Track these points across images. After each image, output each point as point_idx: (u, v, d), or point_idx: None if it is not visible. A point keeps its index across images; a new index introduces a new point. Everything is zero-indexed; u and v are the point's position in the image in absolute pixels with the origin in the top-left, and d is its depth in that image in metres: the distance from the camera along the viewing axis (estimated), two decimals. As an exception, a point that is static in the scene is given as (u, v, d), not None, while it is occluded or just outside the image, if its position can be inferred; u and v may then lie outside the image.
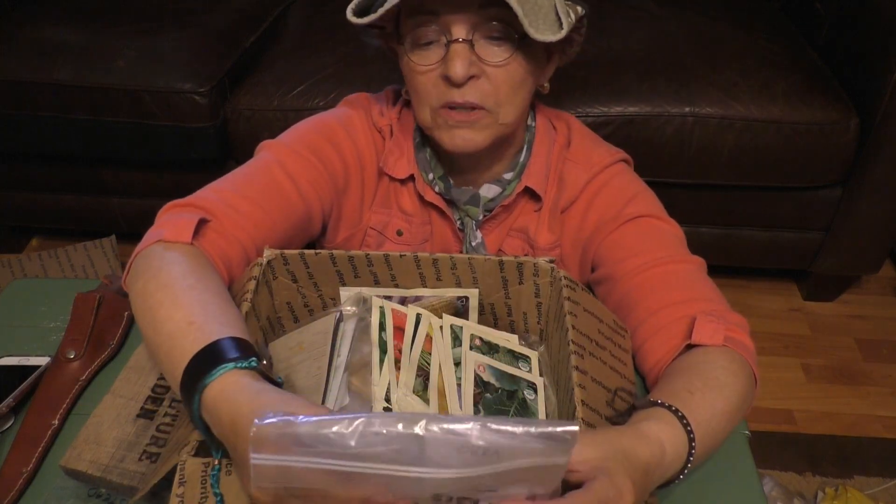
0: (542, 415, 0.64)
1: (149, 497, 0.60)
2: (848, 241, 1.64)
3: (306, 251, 0.70)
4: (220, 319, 0.58)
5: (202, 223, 0.69)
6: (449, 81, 0.72)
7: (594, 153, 0.84)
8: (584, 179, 0.82)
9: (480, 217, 0.84)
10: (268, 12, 1.85)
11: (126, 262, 0.68)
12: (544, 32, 0.69)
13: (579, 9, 0.73)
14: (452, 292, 0.72)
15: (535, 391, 0.66)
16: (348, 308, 0.71)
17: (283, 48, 1.70)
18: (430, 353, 0.66)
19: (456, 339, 0.68)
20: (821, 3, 1.70)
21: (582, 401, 0.57)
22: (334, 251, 0.70)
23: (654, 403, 0.59)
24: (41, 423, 0.68)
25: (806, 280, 1.84)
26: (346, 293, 0.72)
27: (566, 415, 0.61)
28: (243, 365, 0.52)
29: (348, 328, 0.69)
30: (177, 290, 0.61)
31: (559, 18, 0.71)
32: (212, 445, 0.53)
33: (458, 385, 0.64)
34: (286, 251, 0.70)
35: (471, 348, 0.67)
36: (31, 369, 0.73)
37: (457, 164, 0.84)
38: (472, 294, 0.72)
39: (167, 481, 0.54)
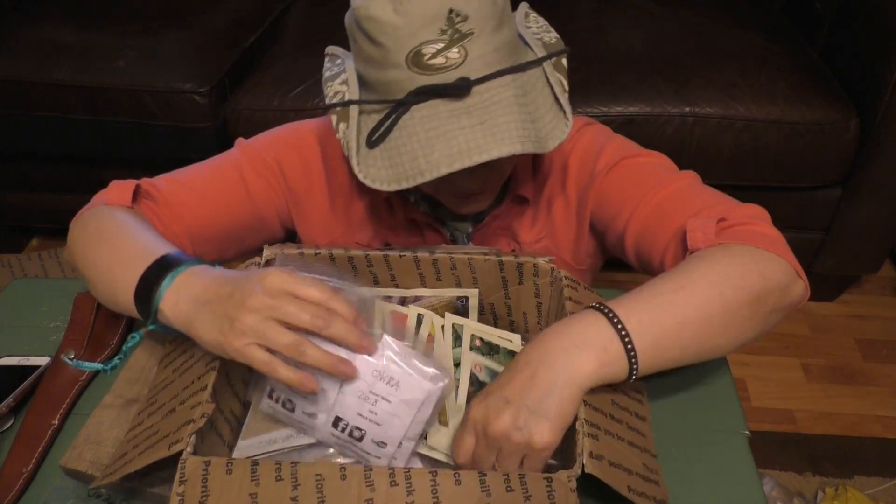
0: None
1: (145, 496, 0.60)
2: (848, 241, 1.64)
3: (305, 250, 0.70)
4: (169, 246, 0.65)
5: (142, 200, 0.76)
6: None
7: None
8: (559, 162, 0.82)
9: (470, 230, 0.84)
10: (268, 12, 1.85)
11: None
12: (555, 135, 0.66)
13: (563, 61, 0.70)
14: (452, 292, 0.72)
15: None
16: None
17: (283, 48, 1.70)
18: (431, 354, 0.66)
19: (457, 340, 0.67)
20: (821, 3, 1.70)
21: (584, 401, 0.57)
22: (333, 250, 0.70)
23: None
24: (41, 423, 0.68)
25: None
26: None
27: None
28: (202, 262, 0.62)
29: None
30: (131, 226, 0.69)
31: (557, 100, 0.68)
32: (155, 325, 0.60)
33: (457, 386, 0.64)
34: (286, 251, 0.70)
35: (471, 349, 0.67)
36: (31, 369, 0.73)
37: None
38: (472, 294, 0.72)
39: (142, 475, 0.56)
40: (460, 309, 0.73)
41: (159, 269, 0.60)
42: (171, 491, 0.59)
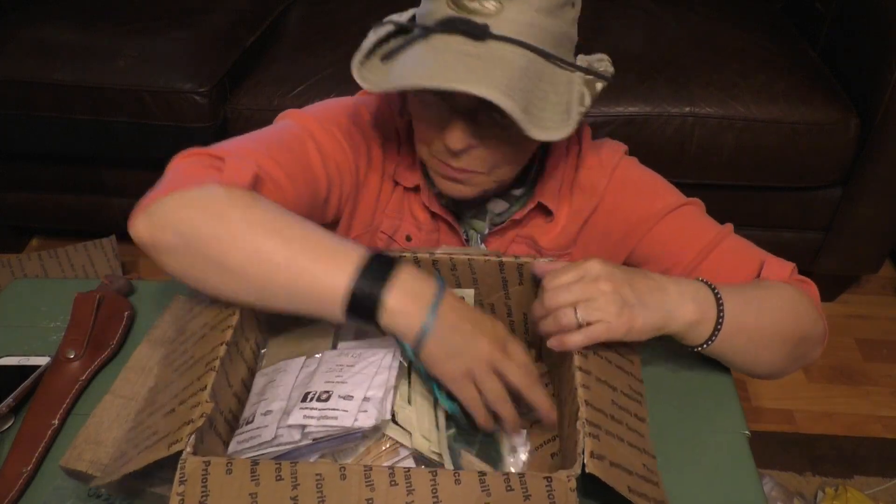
0: (504, 444, 0.64)
1: (146, 496, 0.60)
2: (848, 241, 1.64)
3: None
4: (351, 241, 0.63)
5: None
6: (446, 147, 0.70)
7: (601, 153, 0.83)
8: (602, 184, 0.82)
9: (486, 231, 0.83)
10: (268, 12, 1.85)
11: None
12: (547, 132, 0.65)
13: (598, 85, 0.71)
14: None
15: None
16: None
17: (283, 48, 1.70)
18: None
19: None
20: (821, 3, 1.70)
21: (585, 401, 0.57)
22: None
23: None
24: (41, 423, 0.68)
25: (806, 280, 1.84)
26: None
27: (569, 416, 0.61)
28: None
29: (348, 332, 0.69)
30: (296, 218, 0.62)
31: (570, 110, 0.68)
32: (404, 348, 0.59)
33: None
34: None
35: None
36: (31, 369, 0.73)
37: None
38: (468, 294, 0.72)
39: (143, 475, 0.55)
40: None
41: (377, 266, 0.58)
42: (171, 491, 0.59)
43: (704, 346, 0.66)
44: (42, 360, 0.75)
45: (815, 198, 1.59)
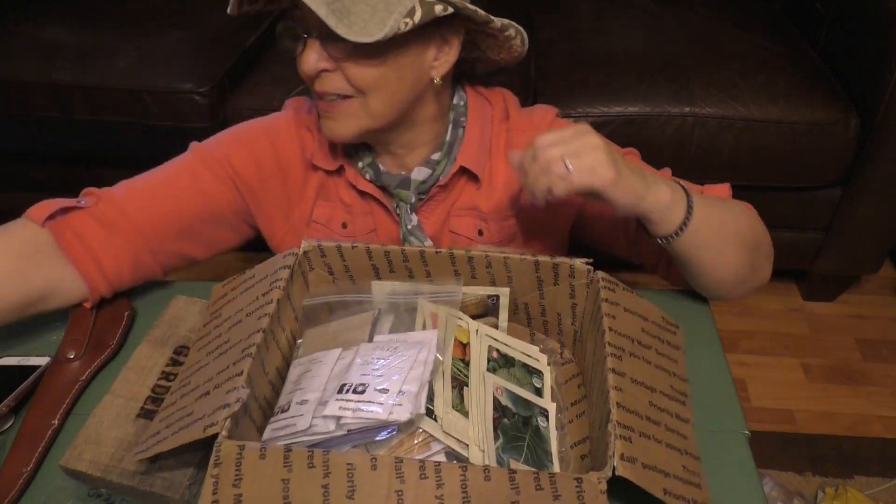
0: (553, 443, 0.64)
1: (145, 496, 0.60)
2: (848, 241, 1.64)
3: (343, 244, 0.71)
4: None
5: (77, 211, 0.80)
6: None
7: (533, 116, 0.86)
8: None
9: (413, 199, 0.84)
10: (268, 12, 1.85)
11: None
12: (355, 29, 0.66)
13: (438, 8, 0.68)
14: (484, 290, 0.72)
15: (547, 418, 0.65)
16: (383, 304, 0.71)
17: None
18: (463, 363, 0.65)
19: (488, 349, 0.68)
20: (821, 3, 1.70)
21: (617, 403, 0.56)
22: (370, 245, 0.71)
23: None
24: (41, 423, 0.68)
25: (806, 280, 1.84)
26: (378, 287, 0.72)
27: (600, 419, 0.60)
28: None
29: (384, 326, 0.69)
30: None
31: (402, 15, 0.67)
32: None
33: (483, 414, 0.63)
34: (324, 243, 0.71)
35: (489, 360, 0.67)
36: (31, 369, 0.73)
37: (379, 150, 0.84)
38: (504, 293, 0.72)
39: (142, 474, 0.56)
40: (491, 307, 0.72)
41: None
42: (170, 491, 0.59)
43: (678, 232, 0.70)
44: (42, 360, 0.75)
45: (815, 198, 1.59)
